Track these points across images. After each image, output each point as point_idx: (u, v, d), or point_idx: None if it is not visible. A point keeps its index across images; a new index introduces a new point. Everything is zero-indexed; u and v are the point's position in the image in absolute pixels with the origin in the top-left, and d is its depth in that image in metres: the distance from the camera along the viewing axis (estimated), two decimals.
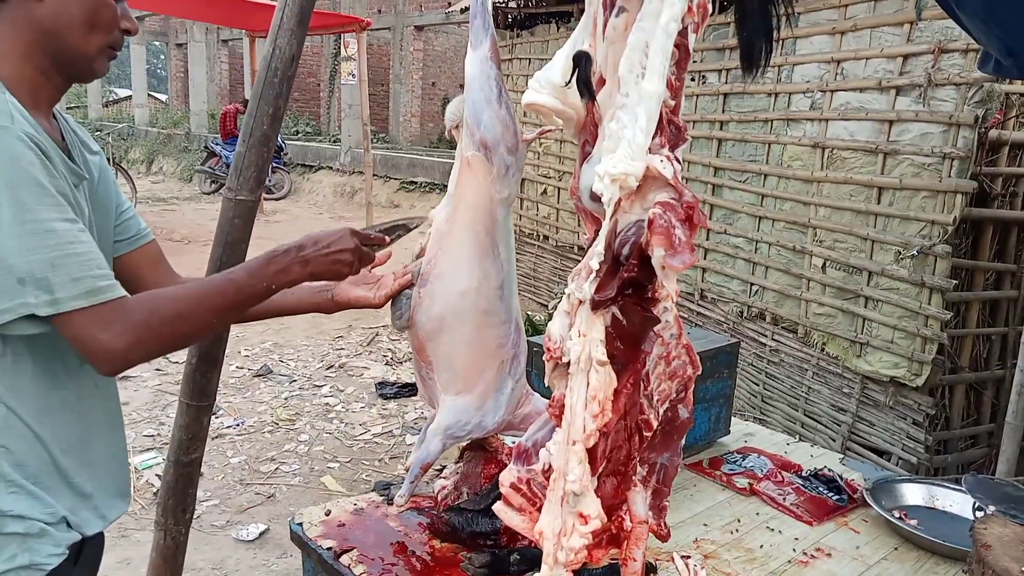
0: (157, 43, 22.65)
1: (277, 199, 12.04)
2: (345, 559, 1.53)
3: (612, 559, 1.21)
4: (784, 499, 1.85)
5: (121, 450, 1.29)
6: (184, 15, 13.38)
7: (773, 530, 1.73)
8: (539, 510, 1.03)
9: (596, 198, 0.97)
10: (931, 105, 3.24)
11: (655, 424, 1.07)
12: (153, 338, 1.05)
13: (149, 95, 20.76)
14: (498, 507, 1.09)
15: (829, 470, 1.98)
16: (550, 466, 1.02)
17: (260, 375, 4.96)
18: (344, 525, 1.67)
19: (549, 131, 1.78)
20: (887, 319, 3.43)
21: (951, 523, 1.77)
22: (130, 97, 20.62)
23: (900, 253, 3.36)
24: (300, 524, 1.68)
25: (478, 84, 1.46)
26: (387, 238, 1.41)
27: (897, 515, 1.75)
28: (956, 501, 1.83)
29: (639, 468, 1.11)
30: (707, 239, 4.52)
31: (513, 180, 1.50)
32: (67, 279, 0.98)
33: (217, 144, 12.10)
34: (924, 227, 3.27)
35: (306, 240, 1.26)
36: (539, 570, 1.04)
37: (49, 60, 1.09)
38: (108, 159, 10.39)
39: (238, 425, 4.20)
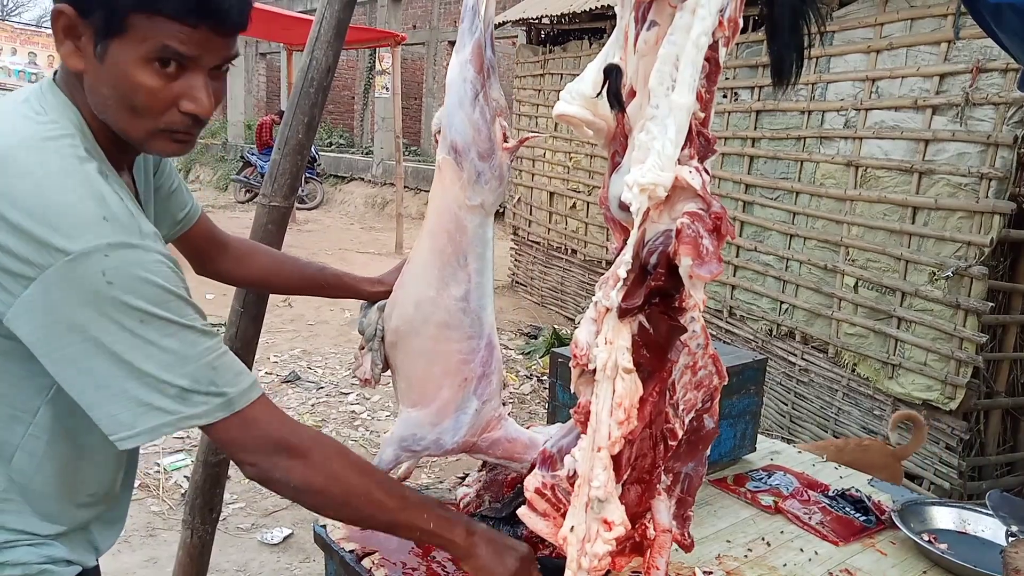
0: None
1: (309, 209, 12.22)
2: (367, 562, 1.55)
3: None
4: (810, 518, 1.82)
5: (119, 482, 1.25)
6: None
7: (798, 549, 1.71)
8: (563, 516, 1.04)
9: (625, 208, 0.98)
10: (968, 125, 3.20)
11: (680, 433, 1.07)
12: (301, 458, 1.02)
13: None
14: (522, 512, 1.10)
15: (857, 490, 1.95)
16: (575, 472, 1.03)
17: (288, 381, 5.02)
18: (367, 529, 1.69)
19: (529, 138, 1.74)
20: (920, 341, 3.37)
21: (982, 548, 1.73)
22: None
23: (935, 274, 3.31)
24: (324, 526, 1.69)
25: (454, 87, 1.41)
26: None
27: (926, 538, 1.71)
28: (988, 526, 1.79)
29: (663, 477, 1.11)
30: (737, 256, 4.50)
31: (487, 188, 1.41)
32: (231, 376, 0.97)
33: (253, 154, 12.34)
34: (960, 248, 3.22)
35: (478, 524, 1.20)
36: None
37: (110, 132, 1.00)
38: None
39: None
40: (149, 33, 0.91)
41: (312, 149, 6.71)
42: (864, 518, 1.83)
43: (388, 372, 1.59)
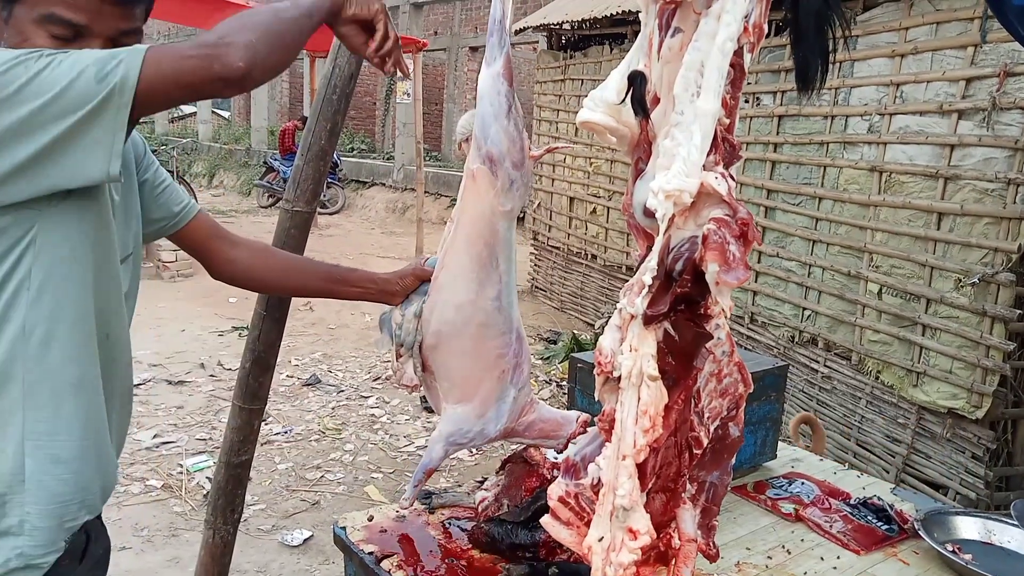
0: None
1: (331, 214, 12.30)
2: (386, 564, 1.56)
3: None
4: (831, 526, 1.80)
5: (105, 442, 1.24)
6: None
7: (818, 557, 1.69)
8: (587, 524, 1.04)
9: (649, 214, 0.98)
10: (995, 129, 3.16)
11: (705, 442, 1.07)
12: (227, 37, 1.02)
13: (213, 112, 21.50)
14: (546, 520, 1.10)
15: (879, 499, 1.93)
16: (599, 480, 1.02)
17: (309, 384, 5.06)
18: (386, 531, 1.69)
19: (556, 148, 1.81)
20: (946, 348, 3.33)
21: (1008, 559, 1.70)
22: (195, 114, 21.38)
23: (960, 280, 3.27)
24: (343, 528, 1.71)
25: (488, 99, 1.48)
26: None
27: (950, 548, 1.69)
28: (1014, 537, 1.76)
29: (688, 486, 1.10)
30: (759, 262, 4.47)
31: (517, 195, 1.51)
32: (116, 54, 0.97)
33: (276, 160, 12.46)
34: (986, 254, 3.18)
35: None
36: None
37: None
38: (172, 172, 10.75)
39: (286, 432, 4.29)
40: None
41: (334, 155, 6.76)
42: (886, 527, 1.81)
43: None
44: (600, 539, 0.97)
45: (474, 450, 4.11)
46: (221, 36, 1.01)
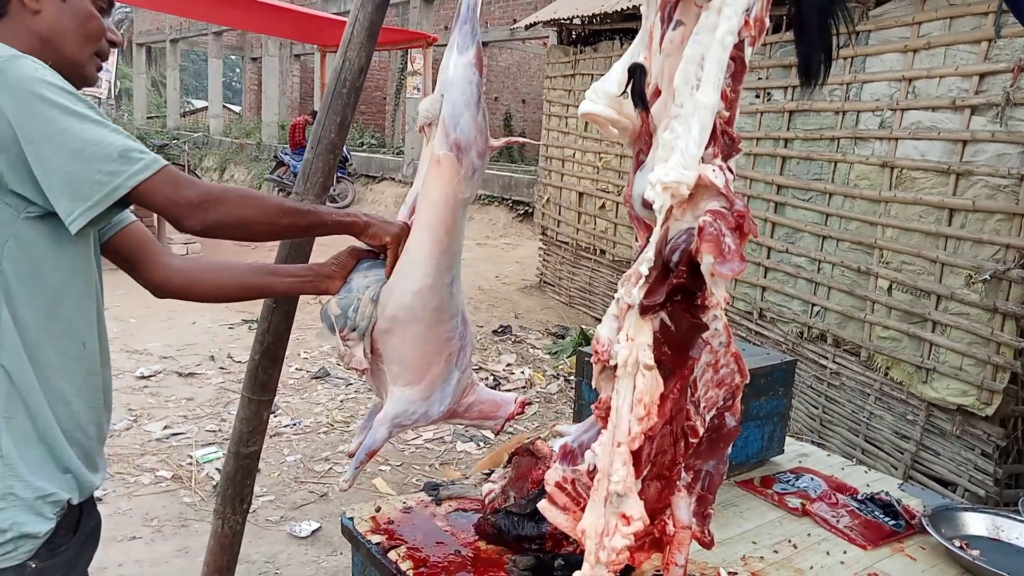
0: (233, 57, 23.61)
1: (341, 207, 12.35)
2: (393, 555, 1.57)
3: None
4: (838, 521, 1.80)
5: (97, 425, 1.31)
6: (260, 30, 13.92)
7: (825, 552, 1.69)
8: (583, 510, 1.05)
9: (648, 206, 0.99)
10: (1008, 125, 3.13)
11: (701, 431, 1.08)
12: (226, 203, 1.21)
13: (224, 106, 21.61)
14: (542, 505, 1.11)
15: (886, 494, 1.92)
16: (595, 467, 1.03)
17: (318, 377, 5.09)
18: (393, 522, 1.71)
19: (516, 141, 1.81)
20: (956, 345, 3.31)
21: (1016, 556, 1.69)
22: (206, 108, 21.51)
23: (972, 277, 3.24)
24: (351, 519, 1.73)
25: (460, 87, 1.49)
26: None
27: (958, 544, 1.68)
28: (1022, 533, 1.76)
29: (684, 474, 1.11)
30: (768, 258, 4.45)
31: (475, 183, 1.54)
32: (144, 149, 1.15)
33: (286, 154, 12.51)
34: (998, 251, 3.15)
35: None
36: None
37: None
38: (183, 166, 10.77)
39: (295, 425, 4.32)
40: None
41: (344, 149, 6.79)
42: (893, 522, 1.81)
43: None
44: (593, 523, 0.97)
45: (482, 443, 4.13)
46: (213, 197, 1.20)
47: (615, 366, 0.97)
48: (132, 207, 1.40)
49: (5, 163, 1.07)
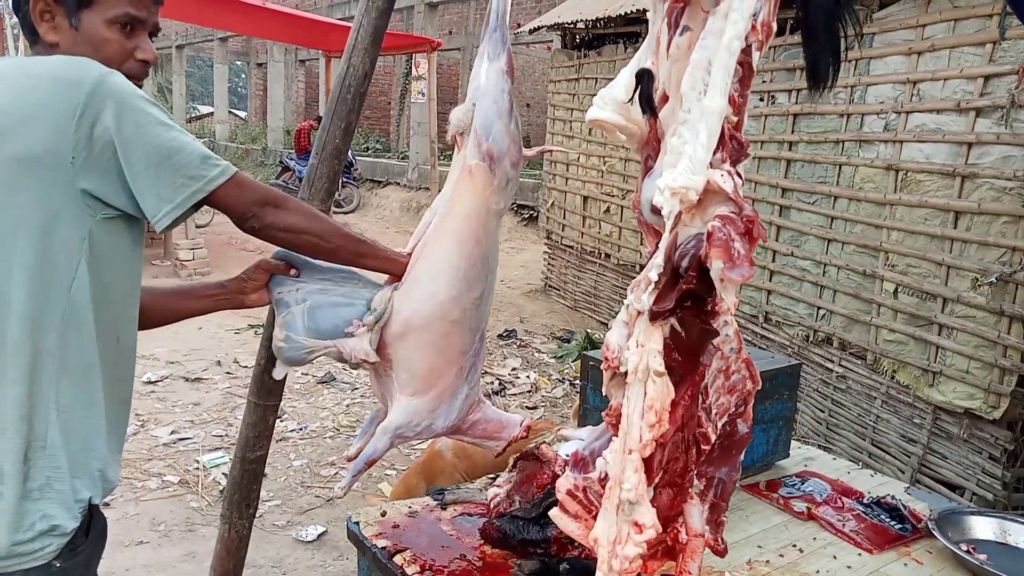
0: (239, 63, 23.68)
1: (346, 213, 12.37)
2: (398, 559, 1.57)
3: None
4: (843, 525, 1.80)
5: (122, 422, 1.36)
6: (265, 36, 13.97)
7: (831, 556, 1.69)
8: (594, 518, 1.05)
9: (657, 211, 0.99)
10: (1014, 127, 3.12)
11: (713, 438, 1.08)
12: (287, 207, 1.34)
13: (230, 112, 21.67)
14: (554, 513, 1.11)
15: (893, 498, 1.92)
16: (606, 474, 1.03)
17: (324, 382, 5.10)
18: (398, 526, 1.71)
19: (550, 150, 1.79)
20: (962, 348, 3.30)
21: None
22: (212, 114, 21.57)
23: (978, 280, 3.24)
24: (357, 523, 1.73)
25: (492, 96, 1.46)
26: None
27: (965, 548, 1.68)
28: None
29: (696, 481, 1.11)
30: (773, 261, 4.45)
31: (509, 194, 1.50)
32: (218, 157, 1.26)
33: (292, 159, 12.54)
34: (1004, 253, 3.14)
35: None
36: None
37: None
38: None
39: (301, 429, 4.33)
40: (113, 2, 1.25)
41: (349, 154, 6.79)
42: (900, 526, 1.81)
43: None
44: (605, 531, 0.97)
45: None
46: (274, 202, 1.33)
47: (625, 373, 0.97)
48: None
49: (98, 169, 1.15)
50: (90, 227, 1.17)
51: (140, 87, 1.30)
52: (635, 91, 1.04)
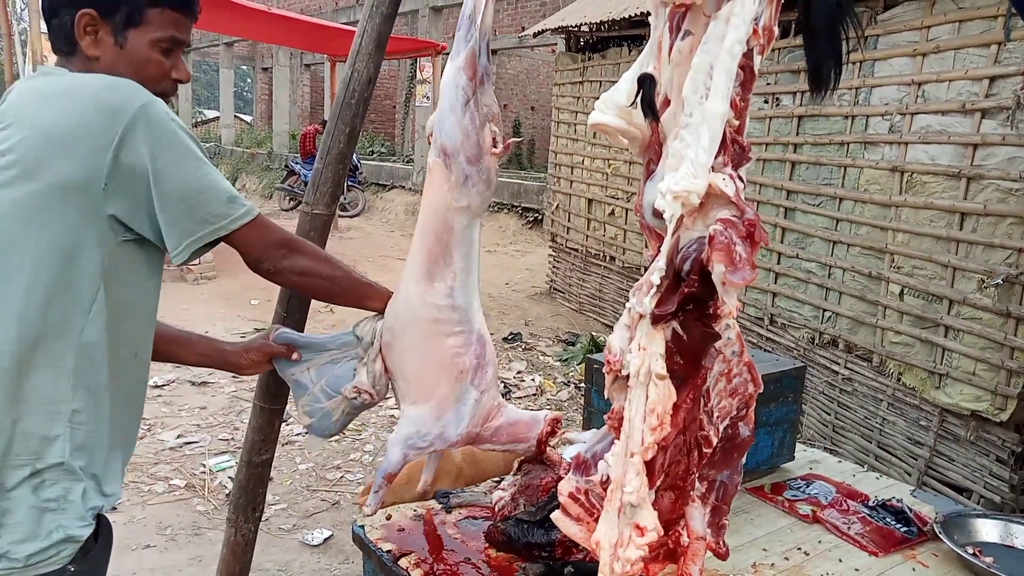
0: (244, 67, 23.78)
1: (351, 216, 12.40)
2: (404, 562, 1.58)
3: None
4: (849, 528, 1.79)
5: (132, 433, 1.38)
6: (271, 40, 14.03)
7: (836, 559, 1.68)
8: (597, 520, 1.05)
9: (659, 215, 0.99)
10: (1019, 128, 3.11)
11: (715, 441, 1.08)
12: (300, 252, 1.39)
13: (235, 116, 21.74)
14: (556, 516, 1.11)
15: (898, 501, 1.91)
16: (608, 477, 1.04)
17: None
18: (404, 530, 1.72)
19: (516, 142, 1.79)
20: (969, 350, 3.29)
21: None
22: (218, 118, 21.65)
23: (984, 281, 3.22)
24: (362, 527, 1.73)
25: (446, 92, 1.48)
26: None
27: (971, 551, 1.67)
28: None
29: (698, 484, 1.11)
30: (778, 263, 4.44)
31: (475, 191, 1.47)
32: (243, 198, 1.29)
33: (297, 163, 12.58)
34: (1010, 255, 3.13)
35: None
36: None
37: None
38: None
39: (307, 433, 4.33)
40: (160, 23, 1.27)
41: (354, 158, 6.82)
42: (905, 529, 1.80)
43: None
44: (607, 534, 0.97)
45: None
46: (292, 246, 1.39)
47: (627, 376, 0.98)
48: None
49: (128, 195, 1.17)
50: (111, 248, 1.20)
51: (168, 103, 1.32)
52: (637, 95, 1.05)
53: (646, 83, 1.03)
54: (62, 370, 1.18)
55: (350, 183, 12.04)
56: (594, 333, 6.29)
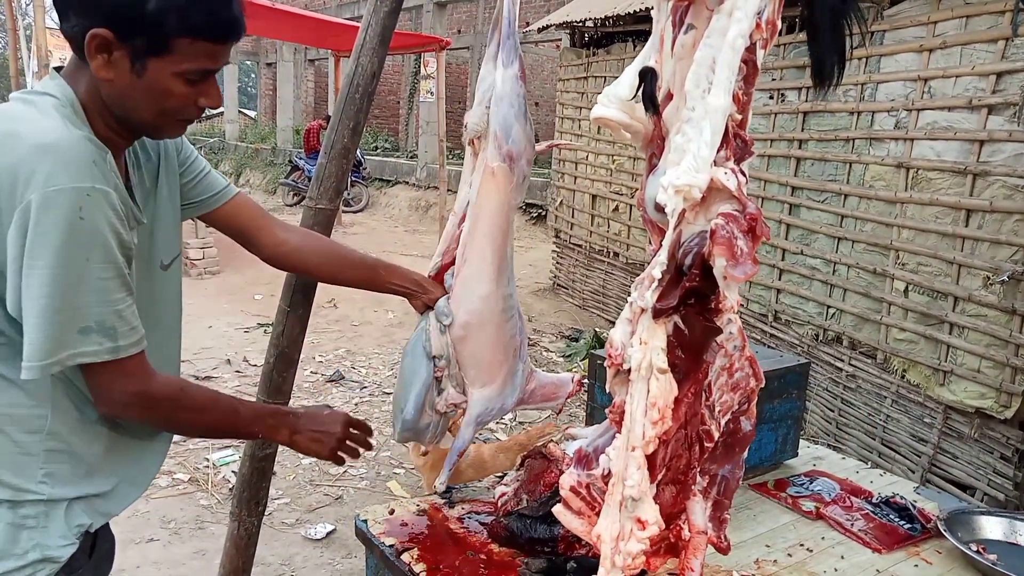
0: (248, 62, 23.78)
1: (355, 212, 12.41)
2: (406, 557, 1.58)
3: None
4: (852, 525, 1.79)
5: (149, 460, 1.36)
6: (274, 36, 14.02)
7: (839, 556, 1.68)
8: (598, 514, 1.05)
9: (660, 209, 0.99)
10: None
11: (716, 435, 1.08)
12: (153, 411, 1.20)
13: (239, 111, 21.75)
14: (557, 510, 1.11)
15: (902, 498, 1.91)
16: (609, 471, 1.04)
17: (332, 380, 5.11)
18: (406, 524, 1.72)
19: (558, 145, 1.94)
20: (973, 347, 3.27)
21: None
22: (222, 113, 21.66)
23: (989, 278, 3.21)
24: (365, 521, 1.74)
25: (509, 101, 1.57)
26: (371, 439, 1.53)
27: (975, 548, 1.67)
28: None
29: (699, 479, 1.11)
30: (783, 260, 4.43)
31: (525, 188, 1.64)
32: (127, 328, 1.10)
33: (301, 159, 12.59)
34: (1016, 251, 3.12)
35: (305, 413, 1.42)
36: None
37: (117, 121, 1.14)
38: None
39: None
40: (190, 55, 1.07)
41: (358, 153, 6.81)
42: (909, 526, 1.80)
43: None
44: (608, 528, 0.97)
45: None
46: (163, 407, 1.22)
47: (629, 370, 0.97)
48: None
49: None
50: None
51: (184, 131, 1.22)
52: (639, 89, 1.04)
53: (647, 77, 1.03)
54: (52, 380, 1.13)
55: (354, 178, 12.05)
56: (598, 329, 6.29)
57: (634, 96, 1.05)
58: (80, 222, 1.01)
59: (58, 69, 1.16)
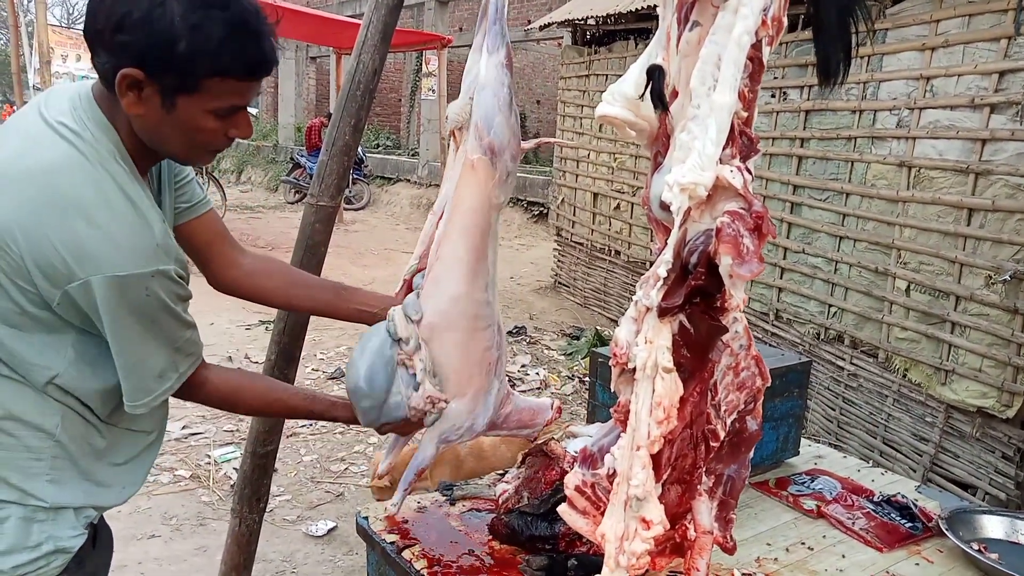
0: None
1: (356, 209, 12.40)
2: (407, 554, 1.58)
3: None
4: (853, 523, 1.79)
5: (148, 452, 1.36)
6: (276, 33, 14.01)
7: (840, 554, 1.68)
8: (602, 514, 1.05)
9: (666, 207, 0.99)
10: None
11: (722, 435, 1.07)
12: (216, 407, 1.38)
13: None
14: (562, 509, 1.11)
15: (903, 497, 1.91)
16: (614, 471, 1.03)
17: (334, 378, 5.11)
18: (407, 522, 1.72)
19: (547, 143, 1.77)
20: (975, 346, 3.27)
21: None
22: None
23: (991, 277, 3.21)
24: (366, 518, 1.74)
25: (492, 89, 1.44)
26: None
27: (976, 547, 1.67)
28: None
29: (705, 478, 1.11)
30: (784, 258, 4.42)
31: (509, 187, 1.49)
32: (189, 353, 1.24)
33: (302, 156, 12.57)
34: (1018, 251, 3.12)
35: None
36: (598, 574, 1.05)
37: (146, 147, 1.16)
38: (202, 169, 10.88)
39: (311, 425, 4.35)
40: (220, 93, 1.10)
41: (359, 151, 6.82)
42: (910, 525, 1.80)
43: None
44: (613, 527, 0.97)
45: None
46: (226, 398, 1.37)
47: (634, 369, 0.97)
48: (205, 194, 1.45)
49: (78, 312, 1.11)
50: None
51: (213, 159, 1.29)
52: (647, 87, 1.04)
53: (655, 74, 1.02)
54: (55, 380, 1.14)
55: (355, 176, 12.04)
56: (599, 327, 6.29)
57: (641, 94, 1.05)
58: (146, 299, 1.10)
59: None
